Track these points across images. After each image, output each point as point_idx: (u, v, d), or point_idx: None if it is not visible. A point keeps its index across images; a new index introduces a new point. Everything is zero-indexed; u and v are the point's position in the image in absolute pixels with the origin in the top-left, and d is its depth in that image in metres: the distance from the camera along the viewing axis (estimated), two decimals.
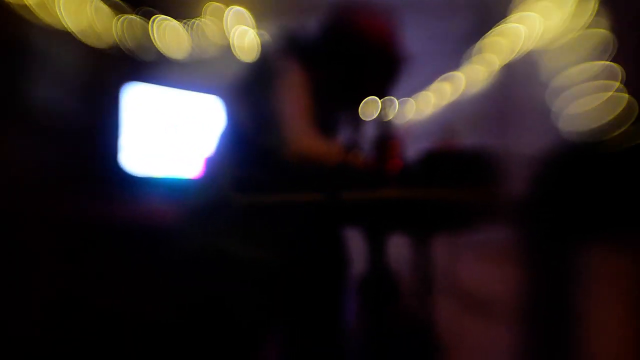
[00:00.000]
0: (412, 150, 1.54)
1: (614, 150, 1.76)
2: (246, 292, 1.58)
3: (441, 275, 1.86)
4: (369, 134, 1.79)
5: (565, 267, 1.39)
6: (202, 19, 3.27)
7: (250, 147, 1.56)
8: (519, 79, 3.02)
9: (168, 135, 2.80)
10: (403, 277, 1.66)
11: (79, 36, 2.67)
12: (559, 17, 2.87)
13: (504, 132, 2.92)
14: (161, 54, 3.11)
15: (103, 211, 2.43)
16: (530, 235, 1.45)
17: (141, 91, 2.71)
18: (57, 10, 2.57)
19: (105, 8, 2.81)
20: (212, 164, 1.66)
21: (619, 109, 2.57)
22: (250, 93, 1.61)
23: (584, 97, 2.81)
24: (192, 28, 3.28)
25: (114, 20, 2.88)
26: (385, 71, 1.73)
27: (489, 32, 2.90)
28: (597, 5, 2.78)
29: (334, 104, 1.77)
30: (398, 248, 1.65)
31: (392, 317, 1.73)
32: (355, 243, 1.83)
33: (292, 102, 1.55)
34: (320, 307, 1.80)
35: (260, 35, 3.37)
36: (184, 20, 3.20)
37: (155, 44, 3.09)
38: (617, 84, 2.62)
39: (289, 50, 1.66)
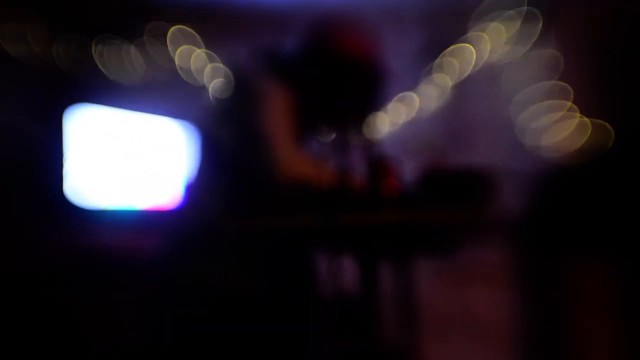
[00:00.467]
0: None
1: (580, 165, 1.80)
2: (229, 320, 1.53)
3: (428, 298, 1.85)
4: (360, 155, 1.76)
5: (554, 284, 1.40)
6: (148, 39, 3.17)
7: (237, 172, 1.50)
8: (473, 98, 3.13)
9: (120, 161, 2.64)
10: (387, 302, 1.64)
11: (18, 59, 2.49)
12: (507, 38, 3.01)
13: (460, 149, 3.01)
14: (107, 76, 2.97)
15: (46, 245, 2.28)
16: (521, 252, 1.46)
17: (88, 115, 2.55)
18: None
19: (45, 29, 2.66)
20: (196, 190, 1.60)
21: (573, 126, 2.71)
22: (231, 115, 1.56)
23: (539, 115, 2.94)
24: (139, 48, 3.15)
25: (57, 42, 2.74)
26: (368, 89, 1.71)
27: (443, 51, 2.99)
28: (542, 27, 2.93)
29: (318, 124, 1.73)
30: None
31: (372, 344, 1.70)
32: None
33: (279, 124, 1.51)
34: (300, 336, 1.75)
35: (208, 55, 3.29)
36: (131, 41, 3.09)
37: (99, 65, 2.96)
38: (569, 103, 2.76)
39: (270, 71, 1.62)
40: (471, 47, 3.03)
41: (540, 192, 1.58)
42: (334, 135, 1.79)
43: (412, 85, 2.89)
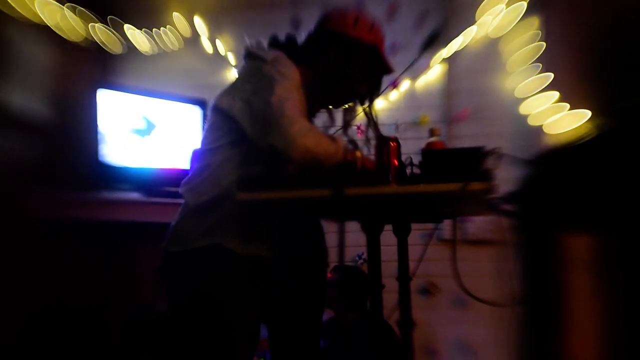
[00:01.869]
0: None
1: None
2: (243, 288, 1.60)
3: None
4: (365, 134, 1.88)
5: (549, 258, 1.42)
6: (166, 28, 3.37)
7: (252, 146, 1.55)
8: (468, 75, 3.27)
9: (145, 133, 2.91)
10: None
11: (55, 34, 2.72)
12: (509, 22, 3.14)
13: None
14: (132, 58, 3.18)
15: (84, 206, 2.43)
16: (517, 226, 1.48)
17: (116, 94, 2.82)
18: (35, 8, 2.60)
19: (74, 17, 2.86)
20: (211, 161, 1.65)
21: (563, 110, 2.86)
22: (246, 92, 1.59)
23: (529, 100, 3.07)
24: (157, 35, 3.35)
25: (84, 26, 2.93)
26: (375, 72, 1.82)
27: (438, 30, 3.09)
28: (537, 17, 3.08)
29: (327, 104, 1.85)
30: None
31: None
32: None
33: (295, 101, 1.53)
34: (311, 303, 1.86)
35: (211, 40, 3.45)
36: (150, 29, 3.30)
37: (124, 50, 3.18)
38: (556, 93, 2.91)
39: (285, 52, 1.67)
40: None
41: (531, 170, 1.59)
42: (342, 114, 1.89)
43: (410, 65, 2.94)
